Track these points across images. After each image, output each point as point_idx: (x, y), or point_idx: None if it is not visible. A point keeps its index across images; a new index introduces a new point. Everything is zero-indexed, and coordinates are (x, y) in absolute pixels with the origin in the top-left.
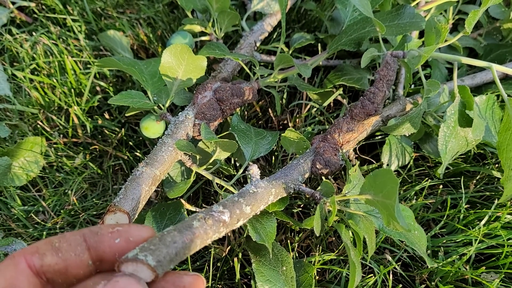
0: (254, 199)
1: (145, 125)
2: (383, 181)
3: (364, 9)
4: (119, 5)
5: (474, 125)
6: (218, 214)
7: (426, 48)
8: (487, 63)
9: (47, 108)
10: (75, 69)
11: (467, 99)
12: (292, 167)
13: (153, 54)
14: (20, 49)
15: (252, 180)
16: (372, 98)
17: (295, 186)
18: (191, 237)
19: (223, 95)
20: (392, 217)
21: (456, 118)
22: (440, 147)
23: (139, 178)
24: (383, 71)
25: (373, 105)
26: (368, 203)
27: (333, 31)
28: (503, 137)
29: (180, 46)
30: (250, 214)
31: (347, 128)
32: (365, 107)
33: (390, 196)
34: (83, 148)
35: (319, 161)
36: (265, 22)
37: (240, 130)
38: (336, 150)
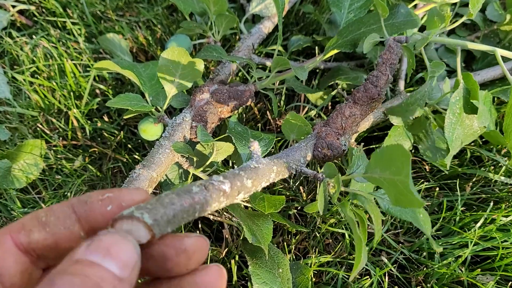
0: (256, 173)
1: (143, 128)
2: (391, 157)
3: None
4: (119, 8)
5: (479, 112)
6: (218, 183)
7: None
8: (491, 47)
9: (47, 111)
10: (75, 72)
11: (472, 86)
12: (294, 149)
13: (152, 57)
14: (20, 52)
15: (253, 156)
16: (375, 82)
17: (297, 166)
18: (190, 201)
19: (220, 98)
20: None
21: (461, 104)
22: (447, 134)
23: (136, 180)
24: (386, 55)
25: (376, 89)
26: (374, 182)
27: (331, 33)
28: (509, 121)
29: (177, 49)
30: (251, 188)
31: (350, 113)
32: (368, 90)
33: (400, 171)
34: (82, 150)
35: (322, 145)
36: (263, 25)
37: (237, 132)
38: (338, 135)
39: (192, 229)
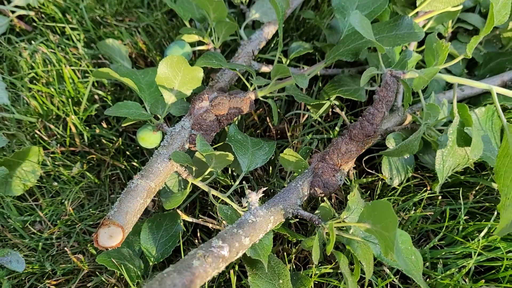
0: (253, 229)
1: (141, 136)
2: (381, 213)
3: (364, 31)
4: (118, 13)
5: (472, 144)
6: (218, 249)
7: (426, 70)
8: (488, 85)
9: (45, 117)
10: (73, 78)
11: (466, 118)
12: (291, 190)
13: (152, 62)
14: (19, 58)
15: (250, 208)
16: (371, 119)
17: (293, 210)
18: (190, 278)
19: (220, 106)
20: (390, 249)
21: (455, 137)
22: (437, 166)
23: (133, 190)
24: (382, 92)
25: (372, 126)
26: (366, 231)
27: (331, 39)
28: (501, 162)
29: (176, 57)
30: (248, 245)
31: (346, 149)
32: (364, 128)
33: (389, 229)
34: (80, 157)
35: (318, 184)
36: (263, 31)
37: (237, 140)
38: (334, 171)
39: (191, 237)
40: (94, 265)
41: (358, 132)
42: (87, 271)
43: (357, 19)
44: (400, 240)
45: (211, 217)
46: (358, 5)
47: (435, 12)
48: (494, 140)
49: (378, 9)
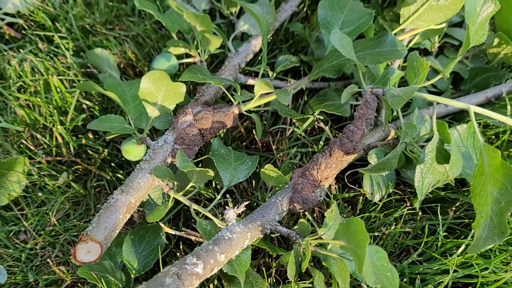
0: (229, 245)
1: (126, 148)
2: (355, 231)
3: (344, 49)
4: (108, 22)
5: (451, 162)
6: (191, 267)
7: (405, 89)
8: (465, 104)
9: (32, 126)
10: (61, 88)
11: (445, 135)
12: (269, 206)
13: (140, 72)
14: (8, 66)
15: (228, 225)
16: (350, 137)
17: (271, 226)
18: None
19: (203, 120)
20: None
21: (434, 155)
22: (416, 183)
23: (113, 206)
24: (362, 110)
25: (352, 143)
26: (341, 248)
27: (319, 53)
28: (477, 181)
29: (158, 73)
30: (224, 261)
31: (326, 165)
32: (343, 145)
33: (361, 247)
34: (67, 166)
35: (297, 200)
36: (251, 44)
37: (220, 155)
38: (314, 187)
39: (175, 249)
40: (77, 276)
41: (338, 149)
42: (70, 282)
43: (337, 38)
44: (376, 256)
45: (195, 229)
46: (343, 21)
47: (419, 29)
48: (475, 156)
49: (363, 25)
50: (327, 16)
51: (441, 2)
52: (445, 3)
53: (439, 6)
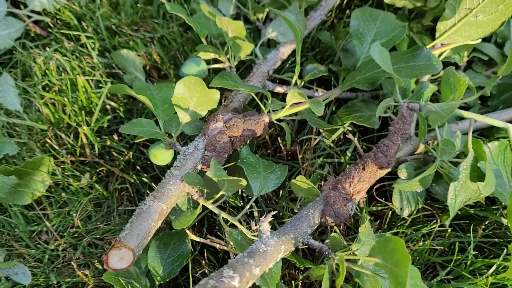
0: (264, 258)
1: (154, 153)
2: (393, 250)
3: (383, 63)
4: (134, 23)
5: (486, 180)
6: (229, 280)
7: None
8: (505, 124)
9: (57, 125)
10: (86, 88)
11: (480, 153)
12: (302, 219)
13: (165, 74)
14: (33, 64)
15: (262, 236)
16: (385, 151)
17: (304, 240)
18: None
19: (234, 128)
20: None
21: (468, 173)
22: (449, 200)
23: (145, 213)
24: (398, 124)
25: (386, 158)
26: (377, 265)
27: (346, 62)
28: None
29: (194, 79)
30: (259, 274)
31: (359, 179)
32: (378, 159)
33: (401, 266)
34: (90, 167)
35: (329, 213)
36: (279, 51)
37: (249, 163)
38: (346, 201)
39: (198, 256)
40: (99, 279)
41: (372, 163)
42: (92, 285)
43: (376, 51)
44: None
45: (219, 237)
46: (376, 32)
47: (453, 45)
48: (505, 174)
49: (396, 38)
50: (360, 27)
51: (480, 18)
52: (484, 19)
53: (477, 22)
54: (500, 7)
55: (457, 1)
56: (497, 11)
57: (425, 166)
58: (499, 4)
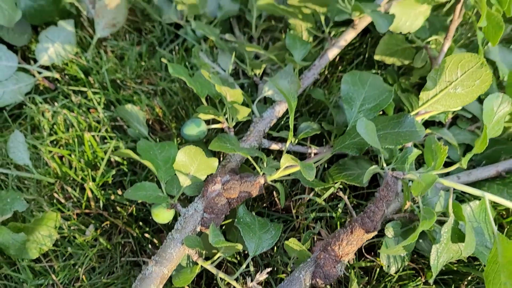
0: None
1: (156, 212)
2: None
3: (369, 138)
4: (138, 76)
5: (466, 243)
6: None
7: (425, 176)
8: (481, 192)
9: (63, 179)
10: (93, 143)
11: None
12: (294, 281)
13: (167, 127)
14: (42, 118)
15: None
16: (372, 217)
17: None
18: None
19: (232, 190)
20: None
21: (449, 235)
22: (432, 262)
23: (148, 278)
24: (383, 192)
25: (373, 223)
26: None
27: (338, 119)
28: (491, 269)
29: (194, 148)
30: None
31: (347, 242)
32: (365, 224)
33: None
34: (94, 218)
35: (319, 275)
36: (274, 109)
37: (245, 223)
38: (335, 262)
39: None
40: None
41: (360, 227)
42: None
43: (362, 126)
44: None
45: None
46: (365, 97)
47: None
48: (487, 231)
49: (383, 103)
50: (350, 91)
51: (459, 90)
52: (462, 92)
53: (457, 93)
54: (476, 82)
55: (437, 74)
56: (474, 85)
57: (411, 224)
58: (476, 79)
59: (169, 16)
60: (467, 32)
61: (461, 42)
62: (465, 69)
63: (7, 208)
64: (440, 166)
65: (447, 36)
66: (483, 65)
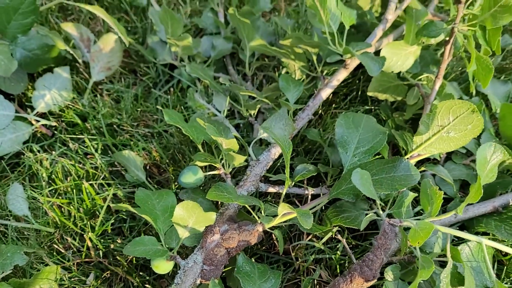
0: None
1: (155, 264)
2: None
3: (365, 189)
4: (134, 118)
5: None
6: None
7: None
8: (478, 238)
9: (62, 228)
10: (91, 192)
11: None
12: None
13: (164, 170)
14: (39, 167)
15: None
16: (370, 265)
17: None
18: None
19: (230, 240)
20: None
21: (448, 280)
22: None
23: None
24: (381, 240)
25: (371, 272)
26: None
27: (333, 158)
28: None
29: (191, 204)
30: None
31: None
32: (364, 273)
33: None
34: (94, 266)
35: None
36: (270, 152)
37: (245, 272)
38: None
39: None
40: None
41: (359, 276)
42: None
43: (357, 177)
44: None
45: None
46: (359, 140)
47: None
48: (486, 270)
49: (377, 145)
50: (344, 134)
51: (451, 134)
52: (455, 136)
53: (450, 137)
54: (468, 126)
55: (430, 119)
56: (467, 130)
57: (411, 266)
58: (468, 124)
59: (163, 57)
60: (457, 63)
61: (452, 75)
62: (457, 114)
63: (7, 263)
64: (436, 212)
65: (438, 75)
66: (474, 111)
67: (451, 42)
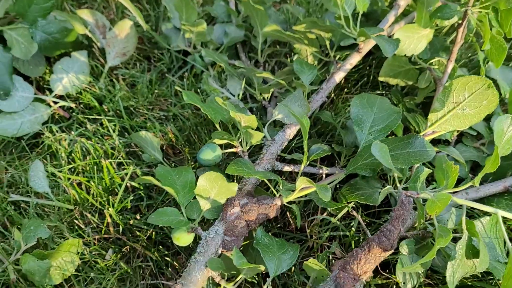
0: None
1: (176, 236)
2: None
3: (384, 160)
4: (149, 102)
5: (480, 260)
6: None
7: (439, 196)
8: (494, 209)
9: (82, 205)
10: (110, 170)
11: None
12: None
13: (179, 151)
14: (59, 147)
15: None
16: (388, 235)
17: None
18: None
19: (250, 213)
20: None
21: (464, 252)
22: (448, 278)
23: None
24: (398, 211)
25: (389, 242)
26: None
27: (347, 139)
28: (507, 283)
29: (214, 174)
30: None
31: (365, 261)
32: (382, 243)
33: None
34: (112, 243)
35: None
36: (285, 132)
37: (264, 244)
38: (355, 281)
39: None
40: None
41: (377, 246)
42: None
43: (377, 149)
44: None
45: None
46: (374, 119)
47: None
48: (498, 246)
49: (392, 124)
50: (359, 113)
51: (466, 111)
52: (470, 112)
53: (465, 114)
54: (483, 102)
55: (445, 96)
56: (482, 106)
57: (424, 240)
58: (483, 100)
59: (177, 44)
60: (466, 51)
61: (461, 62)
62: (472, 90)
63: (31, 236)
64: (452, 185)
65: (450, 58)
66: (490, 86)
67: (464, 24)
